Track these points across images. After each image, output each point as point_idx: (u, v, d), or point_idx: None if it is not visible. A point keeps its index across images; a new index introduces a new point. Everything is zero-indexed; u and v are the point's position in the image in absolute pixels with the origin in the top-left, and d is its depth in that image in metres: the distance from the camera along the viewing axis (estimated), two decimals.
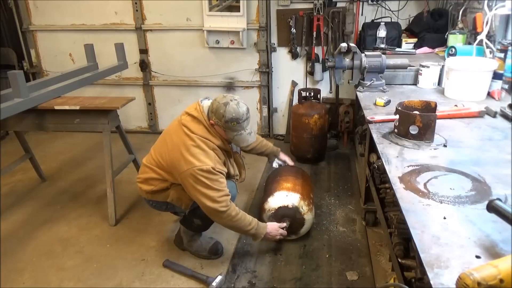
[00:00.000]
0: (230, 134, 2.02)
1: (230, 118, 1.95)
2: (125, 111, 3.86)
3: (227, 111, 1.95)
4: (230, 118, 1.95)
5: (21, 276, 2.27)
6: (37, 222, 2.78)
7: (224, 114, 1.95)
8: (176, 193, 2.14)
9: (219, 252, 2.36)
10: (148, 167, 2.18)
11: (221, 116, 1.96)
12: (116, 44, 3.28)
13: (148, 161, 2.20)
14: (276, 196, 2.39)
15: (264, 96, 4.09)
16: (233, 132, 2.01)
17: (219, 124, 1.99)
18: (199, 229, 2.34)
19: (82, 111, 2.64)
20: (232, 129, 2.00)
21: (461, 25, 2.88)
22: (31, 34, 4.30)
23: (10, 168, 3.07)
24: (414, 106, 1.77)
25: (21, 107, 2.39)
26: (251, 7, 3.80)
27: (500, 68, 2.15)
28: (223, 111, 1.95)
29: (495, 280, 0.75)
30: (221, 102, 1.98)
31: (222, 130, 2.02)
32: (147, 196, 2.23)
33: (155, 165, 2.14)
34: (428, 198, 1.19)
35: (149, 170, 2.17)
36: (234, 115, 1.95)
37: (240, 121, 1.98)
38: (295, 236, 2.45)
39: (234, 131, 2.01)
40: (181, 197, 2.14)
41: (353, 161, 3.63)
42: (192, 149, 1.96)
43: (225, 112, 1.95)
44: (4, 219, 2.83)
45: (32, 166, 3.32)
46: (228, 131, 2.01)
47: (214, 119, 2.00)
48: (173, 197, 2.15)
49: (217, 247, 2.37)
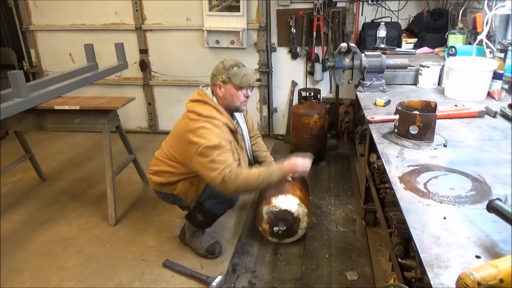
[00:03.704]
0: (237, 79, 2.10)
1: (230, 65, 2.10)
2: (125, 111, 3.87)
3: (225, 62, 2.13)
4: (231, 65, 2.11)
5: (21, 276, 2.27)
6: (37, 222, 2.78)
7: (224, 65, 2.11)
8: (183, 187, 2.21)
9: (215, 252, 2.36)
10: (160, 159, 2.27)
11: (222, 68, 2.11)
12: (116, 44, 3.27)
13: (160, 155, 2.29)
14: (289, 198, 2.34)
15: (264, 96, 4.09)
16: (238, 77, 2.10)
17: (224, 79, 2.10)
18: (202, 225, 2.36)
19: (82, 111, 2.64)
20: (236, 75, 2.10)
21: (461, 25, 2.88)
22: (31, 34, 4.30)
23: (10, 168, 3.07)
24: (414, 106, 1.77)
25: (21, 107, 2.39)
26: (251, 7, 3.80)
27: (500, 68, 2.15)
28: (222, 64, 2.12)
29: (495, 280, 0.75)
30: (218, 63, 2.16)
31: (229, 85, 2.11)
32: (156, 187, 2.32)
33: (167, 158, 2.22)
34: (428, 198, 1.19)
35: (160, 163, 2.26)
36: (232, 62, 2.13)
37: (240, 66, 2.13)
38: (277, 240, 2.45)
39: (239, 76, 2.10)
40: (187, 191, 2.22)
41: (353, 161, 3.63)
42: (198, 131, 2.02)
43: (224, 63, 2.12)
44: (4, 219, 2.83)
45: (32, 166, 3.32)
46: (234, 78, 2.10)
47: (218, 79, 2.11)
48: (179, 190, 2.22)
49: (215, 247, 2.37)
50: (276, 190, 2.38)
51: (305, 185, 2.63)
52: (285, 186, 2.42)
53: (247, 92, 2.18)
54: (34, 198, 3.12)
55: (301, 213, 2.34)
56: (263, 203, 2.35)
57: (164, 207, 2.76)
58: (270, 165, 2.45)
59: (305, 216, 2.36)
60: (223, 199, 2.19)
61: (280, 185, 2.20)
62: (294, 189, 2.41)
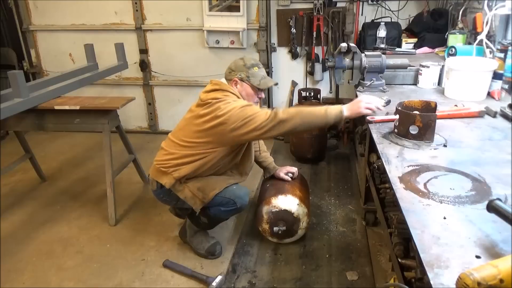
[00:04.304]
0: (255, 80, 2.09)
1: (251, 64, 2.10)
2: (125, 111, 3.86)
3: (246, 60, 2.11)
4: (252, 64, 2.10)
5: (21, 276, 2.27)
6: (37, 222, 2.78)
7: (245, 63, 2.10)
8: (190, 192, 2.11)
9: (216, 253, 2.36)
10: (166, 150, 2.16)
11: (243, 66, 2.09)
12: (116, 44, 3.27)
13: (167, 145, 2.19)
14: (289, 198, 2.34)
15: (264, 96, 4.09)
16: (257, 78, 2.10)
17: (242, 76, 2.08)
18: (204, 227, 2.36)
19: (82, 111, 2.64)
20: (256, 75, 2.10)
21: (461, 25, 2.88)
22: (31, 34, 4.30)
23: (10, 168, 3.07)
24: (414, 106, 1.77)
25: (21, 107, 2.39)
26: (251, 7, 3.80)
27: (500, 68, 2.15)
28: (243, 62, 2.11)
29: (495, 280, 0.74)
30: (237, 59, 2.14)
31: (246, 83, 2.09)
32: (168, 183, 2.11)
33: (179, 144, 2.10)
34: (428, 198, 1.19)
35: (166, 153, 2.14)
36: (253, 62, 2.13)
37: (260, 66, 2.14)
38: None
39: (258, 76, 2.10)
40: (195, 196, 2.11)
41: (353, 161, 3.63)
42: (221, 103, 1.93)
43: (244, 61, 2.10)
44: (4, 219, 2.83)
45: (32, 166, 3.32)
46: (253, 78, 2.09)
47: (236, 75, 2.09)
48: (187, 195, 2.12)
49: (215, 248, 2.37)
50: (276, 190, 2.39)
51: (305, 185, 2.63)
52: (285, 186, 2.43)
53: (262, 93, 2.18)
54: (34, 198, 3.12)
55: (301, 213, 2.34)
56: (263, 203, 2.35)
57: (164, 207, 2.76)
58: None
59: (305, 216, 2.35)
60: (231, 207, 2.16)
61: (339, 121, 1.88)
62: (294, 189, 2.41)
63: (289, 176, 2.54)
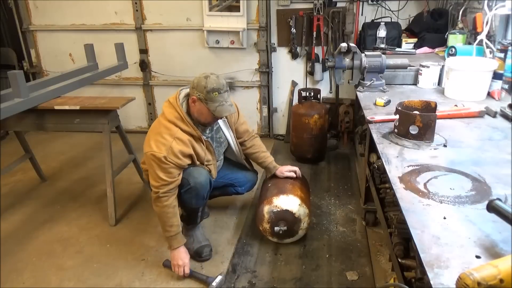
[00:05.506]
0: (212, 105, 2.05)
1: (211, 88, 2.01)
2: (125, 111, 3.86)
3: (208, 82, 2.02)
4: (212, 88, 2.02)
5: (21, 276, 2.27)
6: (37, 222, 2.78)
7: (206, 85, 2.02)
8: (146, 176, 2.28)
9: (203, 255, 2.34)
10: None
11: (203, 88, 2.02)
12: (116, 44, 3.28)
13: None
14: (290, 198, 2.33)
15: (264, 96, 4.09)
16: (215, 103, 2.04)
17: (200, 97, 2.04)
18: (186, 220, 2.36)
19: (82, 111, 2.64)
20: (214, 100, 2.03)
21: (461, 25, 2.88)
22: (31, 34, 4.30)
23: (10, 168, 3.07)
24: (414, 106, 1.77)
25: (21, 107, 2.39)
26: (251, 7, 3.80)
27: (500, 68, 2.15)
28: (205, 83, 2.03)
29: (495, 280, 0.75)
30: (202, 76, 2.07)
31: (203, 105, 2.06)
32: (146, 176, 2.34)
33: None
34: (428, 198, 1.19)
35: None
36: (215, 85, 2.03)
37: (221, 91, 2.04)
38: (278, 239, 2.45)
39: (216, 102, 2.04)
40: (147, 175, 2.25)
41: (353, 161, 3.63)
42: (155, 135, 2.08)
43: (206, 83, 2.02)
44: (4, 219, 2.83)
45: (32, 166, 3.32)
46: (210, 103, 2.04)
47: (196, 94, 2.05)
48: (146, 177, 2.27)
49: (203, 250, 2.35)
50: (277, 190, 2.39)
51: (306, 186, 2.63)
52: (287, 186, 2.43)
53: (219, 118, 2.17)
54: (34, 198, 3.12)
55: (302, 213, 2.34)
56: (264, 203, 2.35)
57: None
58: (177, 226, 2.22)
59: (306, 217, 2.36)
60: (186, 187, 2.14)
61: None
62: (295, 189, 2.41)
63: (292, 173, 2.54)
